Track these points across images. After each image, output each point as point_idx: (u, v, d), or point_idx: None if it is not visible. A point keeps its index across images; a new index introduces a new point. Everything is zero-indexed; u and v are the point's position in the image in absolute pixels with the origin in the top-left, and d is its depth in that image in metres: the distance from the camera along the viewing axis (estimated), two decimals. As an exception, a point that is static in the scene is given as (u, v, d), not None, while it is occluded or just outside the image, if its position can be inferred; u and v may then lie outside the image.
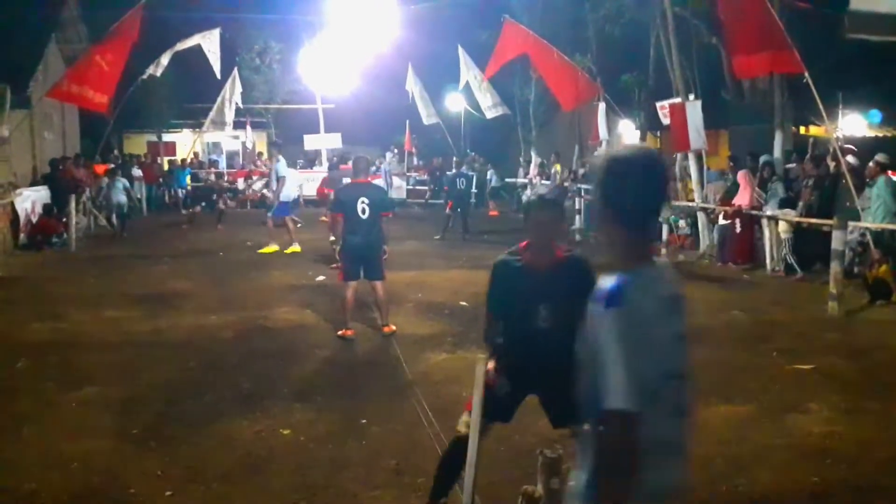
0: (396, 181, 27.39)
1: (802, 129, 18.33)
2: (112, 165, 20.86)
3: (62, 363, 7.22)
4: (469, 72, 22.06)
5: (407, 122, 26.95)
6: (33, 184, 17.47)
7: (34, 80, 18.29)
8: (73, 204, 15.36)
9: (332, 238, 10.93)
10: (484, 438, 3.96)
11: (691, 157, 14.69)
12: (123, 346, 7.95)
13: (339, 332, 8.28)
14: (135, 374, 6.94)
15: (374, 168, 25.35)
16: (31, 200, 15.28)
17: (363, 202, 8.11)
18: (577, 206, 18.27)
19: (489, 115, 22.49)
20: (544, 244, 3.96)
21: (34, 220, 15.26)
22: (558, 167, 21.59)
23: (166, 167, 27.78)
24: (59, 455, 4.80)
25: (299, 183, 20.23)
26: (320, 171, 25.62)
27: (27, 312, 9.39)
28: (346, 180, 12.36)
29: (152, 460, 5.05)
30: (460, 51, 22.21)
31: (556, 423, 4.09)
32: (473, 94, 23.21)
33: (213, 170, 30.06)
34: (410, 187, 28.50)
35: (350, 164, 14.39)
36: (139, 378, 6.84)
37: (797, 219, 11.68)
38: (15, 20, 17.39)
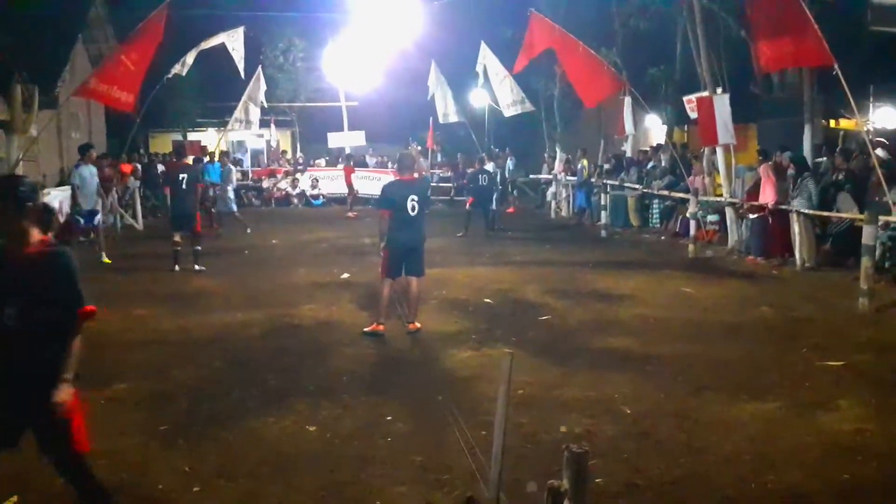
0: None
1: (832, 123, 18.11)
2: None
3: (91, 361, 7.18)
4: (490, 68, 21.95)
5: (430, 118, 26.90)
6: (60, 184, 17.63)
7: (61, 80, 18.45)
8: (101, 203, 15.49)
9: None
10: None
11: (719, 151, 14.54)
12: (151, 343, 8.01)
13: (369, 328, 8.25)
14: (163, 372, 6.99)
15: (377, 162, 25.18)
16: (58, 200, 15.40)
17: (413, 199, 8.10)
18: (602, 202, 18.19)
19: (507, 113, 22.33)
20: (12, 233, 3.62)
21: (61, 219, 15.38)
22: (585, 162, 21.45)
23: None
24: (88, 451, 4.83)
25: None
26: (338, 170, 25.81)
27: (56, 310, 9.43)
28: (208, 181, 12.18)
29: (180, 457, 5.08)
30: (483, 47, 22.13)
31: (42, 449, 3.85)
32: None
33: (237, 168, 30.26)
34: (434, 184, 28.48)
35: (191, 159, 14.12)
36: (167, 375, 6.89)
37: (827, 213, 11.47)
38: (42, 20, 17.54)
